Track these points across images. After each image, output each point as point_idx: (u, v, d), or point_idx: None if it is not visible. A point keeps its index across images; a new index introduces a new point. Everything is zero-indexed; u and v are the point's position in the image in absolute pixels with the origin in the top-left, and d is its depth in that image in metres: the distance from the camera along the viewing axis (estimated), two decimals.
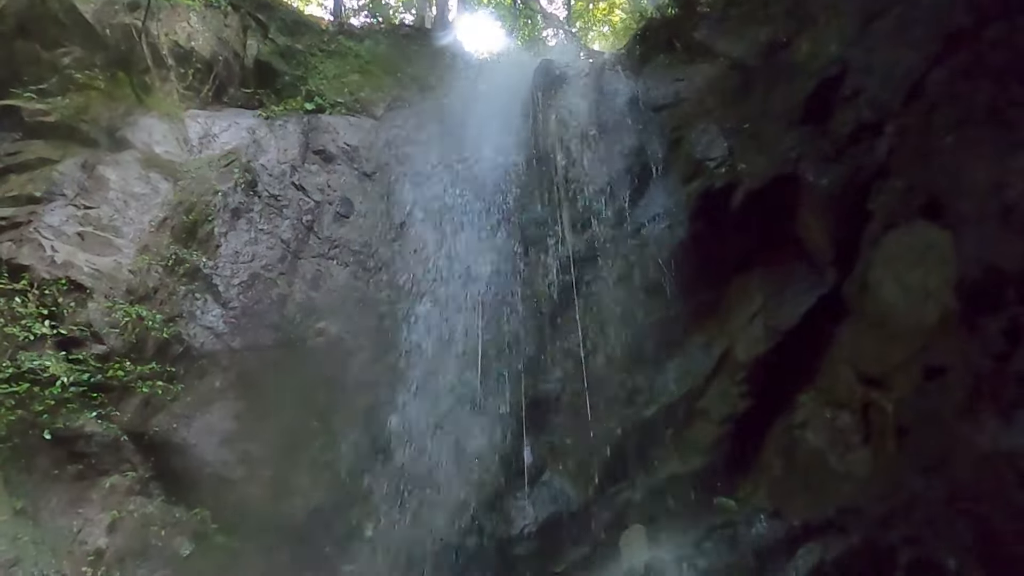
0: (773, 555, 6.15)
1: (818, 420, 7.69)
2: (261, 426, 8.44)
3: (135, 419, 8.25)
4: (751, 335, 8.31)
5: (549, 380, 8.83)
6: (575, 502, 8.29)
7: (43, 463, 7.86)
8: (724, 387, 8.29)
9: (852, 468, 7.21)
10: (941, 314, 6.99)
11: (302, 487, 8.29)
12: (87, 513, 7.84)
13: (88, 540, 7.72)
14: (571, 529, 8.15)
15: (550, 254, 9.28)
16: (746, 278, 8.68)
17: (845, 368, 7.76)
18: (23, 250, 8.55)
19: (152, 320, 8.51)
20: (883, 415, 7.28)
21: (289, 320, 9.05)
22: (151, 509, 8.01)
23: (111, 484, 7.96)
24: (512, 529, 8.20)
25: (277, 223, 9.63)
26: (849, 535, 5.93)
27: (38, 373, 7.91)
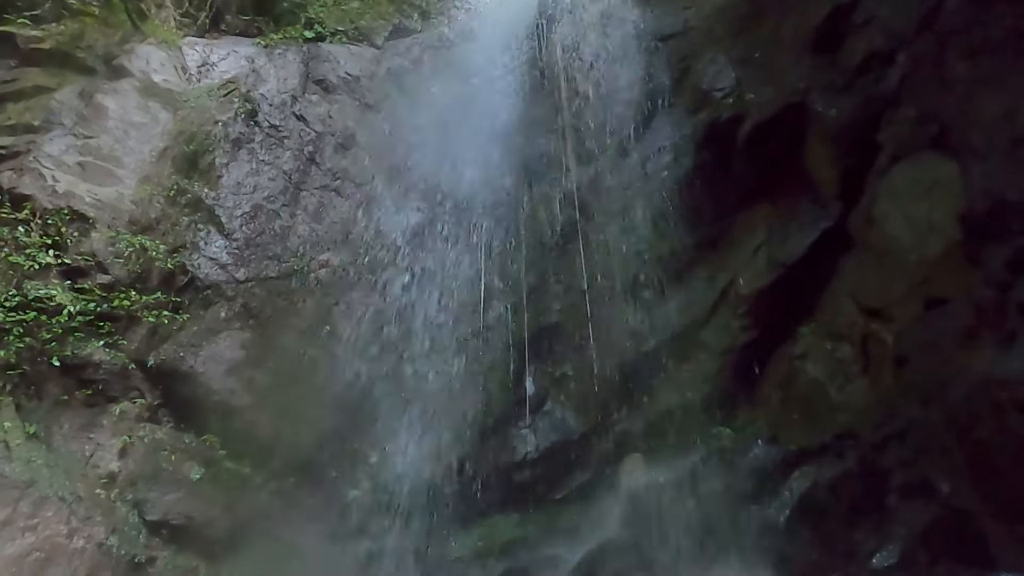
0: (769, 478, 6.30)
1: (818, 352, 7.78)
2: (267, 355, 8.55)
3: (142, 348, 8.36)
4: (754, 268, 8.32)
5: (551, 313, 8.88)
6: (576, 431, 8.44)
7: (53, 390, 7.99)
8: (725, 320, 8.34)
9: (850, 398, 7.32)
10: (944, 246, 7.01)
11: (308, 415, 8.45)
12: (98, 438, 8.01)
13: (100, 464, 7.92)
14: (572, 457, 8.32)
15: (553, 186, 9.22)
16: (751, 212, 8.65)
17: (846, 300, 7.81)
18: (24, 180, 8.52)
19: (156, 250, 8.53)
20: (882, 346, 7.36)
21: (292, 252, 9.06)
22: (160, 435, 8.18)
23: (120, 411, 8.10)
24: (513, 457, 8.37)
25: (278, 154, 9.54)
26: (844, 459, 6.08)
27: (44, 302, 7.97)
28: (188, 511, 7.95)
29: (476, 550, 7.92)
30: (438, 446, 8.26)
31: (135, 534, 7.66)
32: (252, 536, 8.07)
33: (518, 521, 8.07)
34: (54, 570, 7.12)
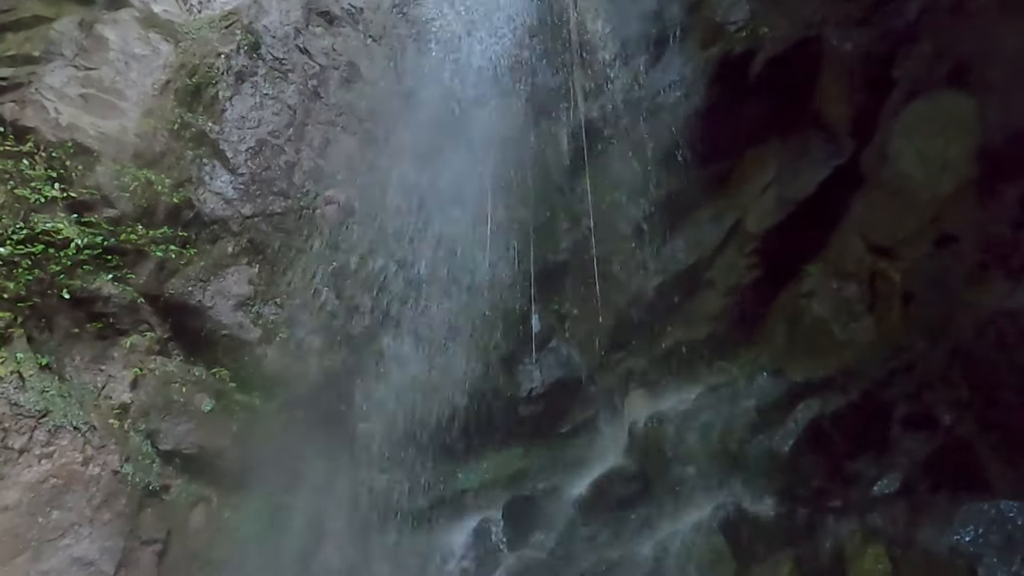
0: (773, 409, 6.39)
1: (824, 290, 7.80)
2: (274, 290, 8.58)
3: (150, 282, 8.37)
4: (763, 206, 8.28)
5: (558, 250, 8.88)
6: (581, 368, 8.54)
7: (63, 323, 8.03)
8: (732, 258, 8.34)
9: (855, 336, 7.37)
10: (957, 183, 6.96)
11: (316, 349, 8.53)
12: (110, 370, 8.09)
13: (113, 395, 8.02)
14: (576, 393, 8.43)
15: (562, 122, 9.09)
16: (761, 149, 8.55)
17: (855, 239, 7.79)
18: (26, 111, 8.39)
19: (161, 184, 8.47)
20: (890, 284, 7.37)
21: (298, 187, 9.01)
22: (171, 368, 8.26)
23: (131, 343, 8.16)
24: (519, 392, 8.49)
25: (282, 88, 9.39)
26: (849, 392, 6.14)
27: (52, 235, 7.95)
28: (200, 441, 8.09)
29: (482, 482, 8.09)
30: (444, 381, 8.34)
31: (149, 463, 7.81)
32: (264, 467, 8.23)
33: (523, 454, 8.23)
34: (71, 496, 7.28)
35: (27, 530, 7.04)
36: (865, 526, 5.54)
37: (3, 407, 7.28)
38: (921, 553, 5.23)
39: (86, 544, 7.18)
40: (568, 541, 6.70)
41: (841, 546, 5.50)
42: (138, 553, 7.41)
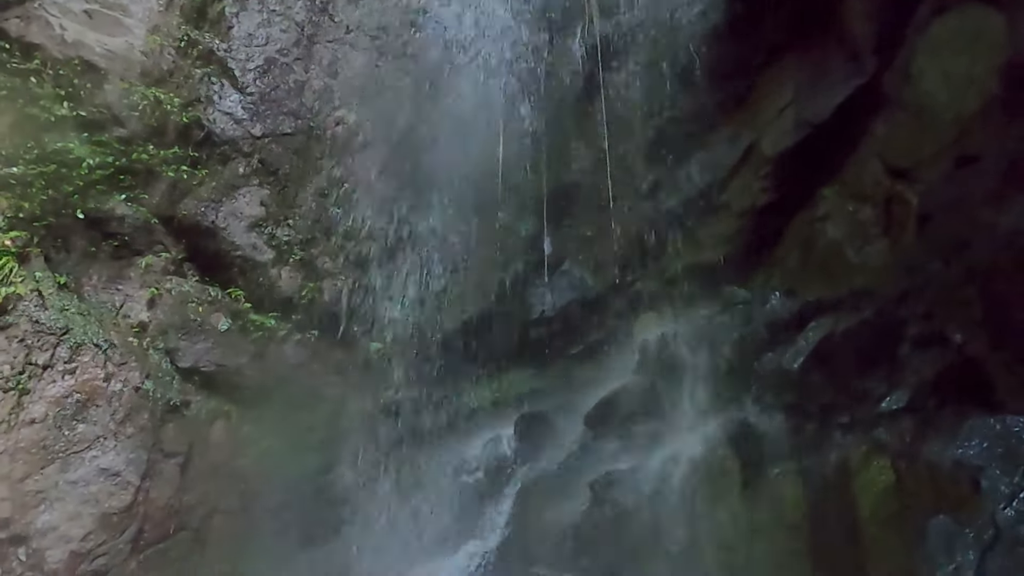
0: (785, 328, 6.43)
1: (839, 213, 7.72)
2: (286, 212, 8.59)
3: (163, 203, 8.39)
4: (779, 128, 8.11)
5: (571, 171, 8.79)
6: (592, 290, 8.56)
7: (80, 243, 8.11)
8: (747, 180, 8.23)
9: (869, 259, 7.34)
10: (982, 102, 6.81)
11: (329, 271, 8.59)
12: (127, 290, 8.21)
13: (131, 314, 8.15)
14: (587, 315, 8.48)
15: (577, 40, 8.85)
16: (779, 69, 8.32)
17: (873, 161, 7.67)
18: (31, 28, 8.25)
19: (170, 103, 8.39)
20: (906, 207, 7.30)
21: (308, 107, 8.89)
22: (187, 288, 8.36)
23: (147, 264, 8.25)
24: (530, 314, 8.55)
25: (290, 4, 9.15)
26: (861, 311, 6.17)
27: (63, 155, 7.94)
28: (218, 359, 8.25)
29: (493, 400, 8.26)
30: (456, 303, 8.41)
31: (169, 379, 8.00)
32: (280, 385, 8.42)
33: (534, 374, 8.36)
34: (95, 411, 7.50)
35: (54, 442, 7.28)
36: (871, 440, 5.65)
37: (25, 324, 7.43)
38: (925, 466, 5.34)
39: (111, 456, 7.43)
40: (578, 455, 6.88)
41: (846, 459, 5.63)
42: (161, 465, 7.66)
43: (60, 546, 7.01)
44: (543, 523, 6.52)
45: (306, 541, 7.76)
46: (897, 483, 5.35)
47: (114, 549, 7.21)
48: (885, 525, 5.28)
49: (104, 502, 7.25)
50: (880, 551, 5.26)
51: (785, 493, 5.60)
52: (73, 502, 7.17)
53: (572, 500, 6.47)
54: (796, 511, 5.54)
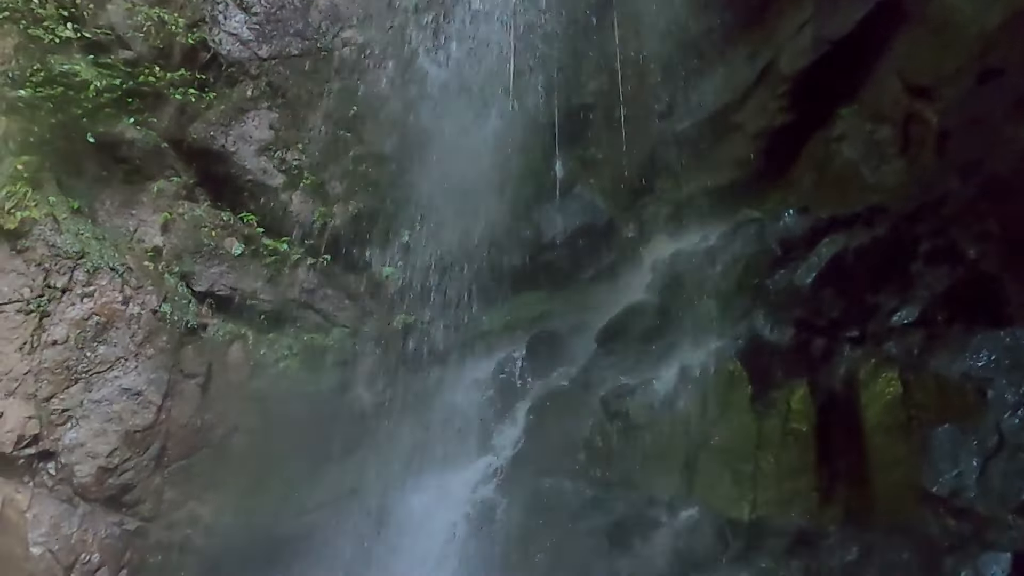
0: (797, 245, 6.43)
1: (856, 133, 7.63)
2: (296, 135, 8.53)
3: (172, 127, 8.34)
4: (798, 46, 7.92)
5: (583, 93, 8.65)
6: (604, 214, 8.54)
7: (91, 167, 8.12)
8: (763, 100, 8.09)
9: (884, 179, 7.29)
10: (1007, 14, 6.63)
11: (340, 194, 8.59)
12: (140, 214, 8.26)
13: (145, 239, 8.23)
14: (600, 239, 8.48)
15: None
16: None
17: (893, 79, 7.53)
18: None
19: (175, 24, 8.23)
20: (925, 126, 7.20)
21: (314, 28, 8.71)
22: (199, 212, 8.39)
23: (158, 188, 8.27)
24: (542, 238, 8.55)
25: None
26: (874, 228, 6.15)
27: (69, 78, 7.86)
28: (232, 284, 8.36)
29: (505, 323, 8.34)
30: (468, 226, 8.40)
31: (185, 303, 8.12)
32: (294, 309, 8.54)
33: (545, 298, 8.42)
34: (115, 333, 7.65)
35: (77, 363, 7.47)
36: (880, 354, 5.71)
37: (42, 248, 7.54)
38: (933, 377, 5.42)
39: (133, 376, 7.62)
40: (589, 371, 6.99)
41: (855, 372, 5.70)
42: (182, 385, 7.86)
43: (88, 461, 7.27)
44: (555, 437, 6.68)
45: (323, 458, 7.99)
46: (904, 394, 5.43)
47: (139, 465, 7.47)
48: (891, 435, 5.39)
49: (128, 420, 7.47)
50: (885, 460, 5.38)
51: (793, 405, 5.70)
52: (98, 420, 7.39)
53: (583, 414, 6.61)
54: (804, 423, 5.64)
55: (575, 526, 6.04)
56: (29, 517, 6.92)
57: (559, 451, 6.52)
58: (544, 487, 6.30)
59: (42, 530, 6.90)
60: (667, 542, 5.69)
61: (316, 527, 7.57)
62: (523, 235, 8.55)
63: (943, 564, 4.81)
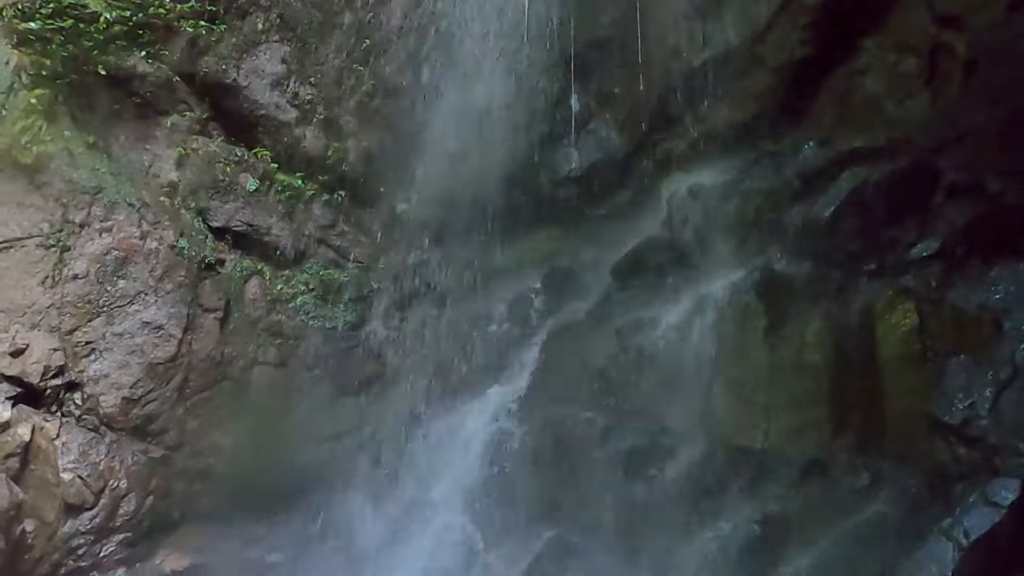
0: (817, 178, 6.36)
1: (880, 65, 7.41)
2: (309, 69, 8.44)
3: (184, 60, 8.24)
4: None
5: (599, 26, 8.44)
6: (620, 150, 8.42)
7: (104, 101, 8.06)
8: (784, 33, 7.84)
9: (908, 113, 7.11)
10: None
11: (353, 129, 8.54)
12: (154, 149, 8.24)
13: (160, 174, 8.23)
14: (615, 175, 8.40)
15: None
16: None
17: (920, 10, 7.28)
18: None
19: None
20: (952, 57, 6.99)
21: None
22: (213, 147, 8.37)
23: (172, 123, 8.23)
24: (557, 174, 8.48)
25: None
26: (896, 160, 6.06)
27: (79, 9, 7.73)
28: (248, 219, 8.39)
29: (519, 260, 8.35)
30: (482, 163, 8.35)
31: (202, 238, 8.17)
32: (310, 245, 8.59)
33: (560, 235, 8.40)
34: (134, 267, 7.73)
35: (98, 297, 7.57)
36: (897, 286, 5.71)
37: (59, 183, 7.56)
38: (949, 309, 5.43)
39: (153, 310, 7.72)
40: (604, 304, 7.03)
41: (871, 304, 5.71)
42: (201, 319, 7.96)
43: (112, 392, 7.43)
44: (570, 369, 6.78)
45: (340, 392, 8.17)
46: (920, 325, 5.45)
47: (162, 396, 7.64)
48: (905, 366, 5.43)
49: (150, 353, 7.61)
50: (898, 391, 5.44)
51: (808, 337, 5.74)
52: (121, 352, 7.53)
53: (598, 346, 6.68)
54: (818, 354, 5.69)
55: (589, 455, 6.18)
56: (58, 445, 7.11)
57: (574, 382, 6.63)
58: (559, 417, 6.42)
59: (71, 457, 7.10)
60: (679, 470, 5.81)
61: (335, 457, 7.78)
62: (538, 171, 8.48)
63: (952, 490, 4.91)
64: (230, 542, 7.04)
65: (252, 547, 7.01)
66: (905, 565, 4.79)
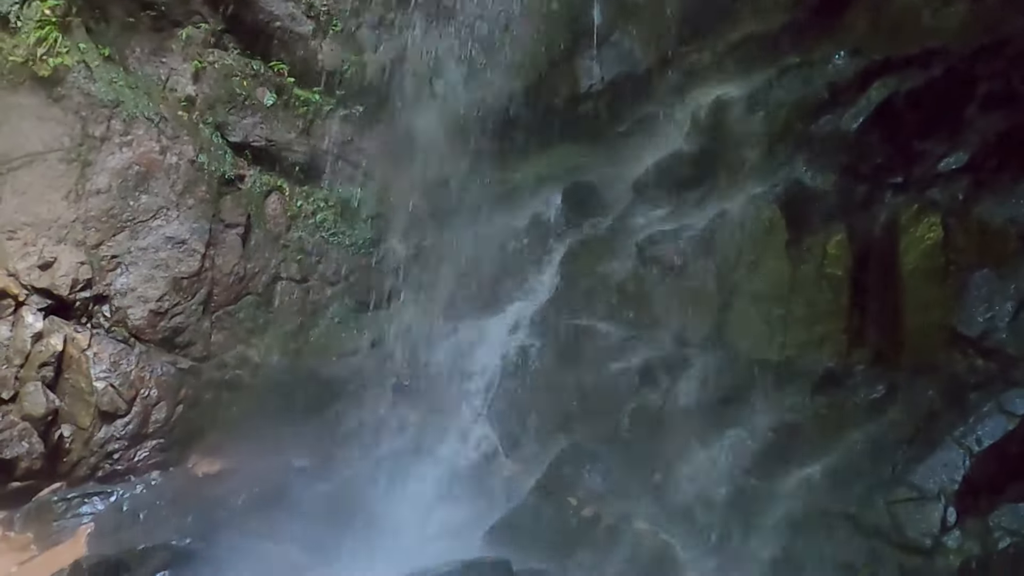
0: (846, 89, 6.17)
1: None
2: None
3: None
4: None
5: None
6: (643, 64, 8.17)
7: (118, 13, 7.95)
8: None
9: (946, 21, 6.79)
10: None
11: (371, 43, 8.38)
12: (170, 63, 8.17)
13: (177, 87, 8.18)
14: (638, 89, 8.19)
15: None
16: None
17: None
18: None
19: None
20: None
21: None
22: (229, 61, 8.27)
23: (187, 35, 8.11)
24: (578, 88, 8.29)
25: None
26: (930, 70, 5.86)
27: None
28: (267, 135, 8.36)
29: (539, 177, 8.26)
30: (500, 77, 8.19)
31: (221, 154, 8.17)
32: (328, 160, 8.56)
33: (581, 151, 8.24)
34: (155, 182, 7.78)
35: (121, 211, 7.66)
36: (923, 200, 5.62)
37: (78, 96, 7.56)
38: (976, 222, 5.35)
39: (176, 225, 7.81)
40: (625, 218, 7.00)
41: (896, 217, 5.63)
42: (223, 235, 8.05)
43: (139, 305, 7.60)
44: (589, 282, 6.80)
45: (361, 306, 8.30)
46: (945, 239, 5.39)
47: (188, 310, 7.80)
48: (927, 279, 5.40)
49: (174, 267, 7.73)
50: (919, 304, 5.43)
51: (830, 250, 5.70)
52: (146, 267, 7.67)
53: (618, 259, 6.69)
54: (839, 267, 5.66)
55: (607, 366, 6.28)
56: (90, 355, 7.34)
57: (593, 296, 6.66)
58: (577, 329, 6.50)
59: (103, 367, 7.33)
60: (695, 381, 5.91)
61: (357, 370, 7.96)
62: (558, 85, 8.29)
63: (966, 399, 4.96)
64: (258, 449, 7.29)
65: (280, 454, 7.26)
66: (916, 470, 4.90)
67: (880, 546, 4.84)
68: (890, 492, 4.93)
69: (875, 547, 4.85)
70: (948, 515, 4.72)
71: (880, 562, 4.80)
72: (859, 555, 4.88)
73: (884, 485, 4.98)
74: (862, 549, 4.88)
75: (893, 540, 4.81)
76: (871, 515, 4.93)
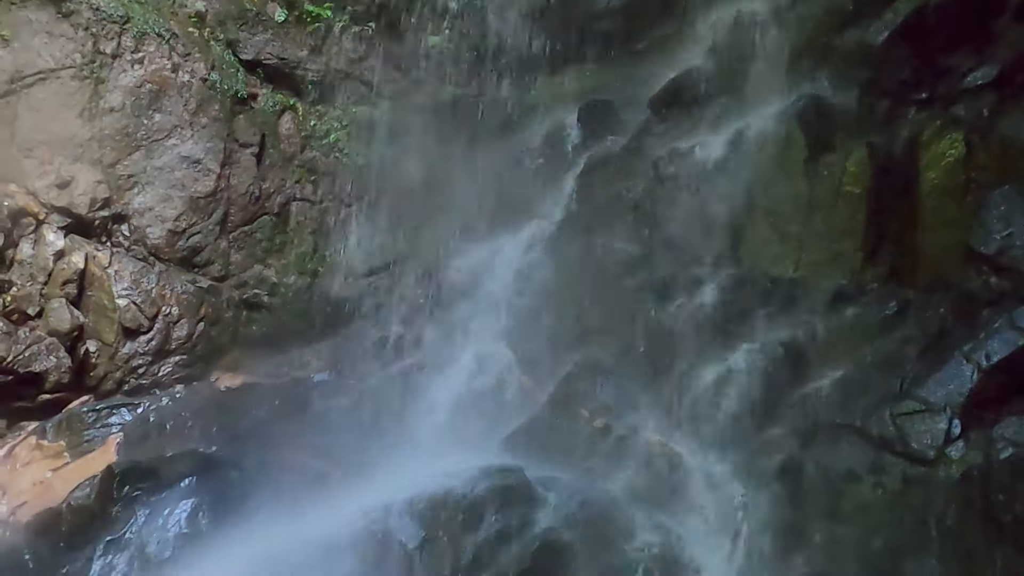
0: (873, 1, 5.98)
1: None
2: None
3: None
4: None
5: None
6: None
7: None
8: None
9: None
10: None
11: None
12: None
13: (187, 3, 8.05)
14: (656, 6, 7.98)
15: None
16: None
17: None
18: None
19: None
20: None
21: None
22: None
23: None
24: (595, 5, 8.09)
25: None
26: None
27: None
28: (278, 52, 8.26)
29: (556, 96, 8.16)
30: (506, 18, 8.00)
31: (233, 71, 8.08)
32: (340, 79, 8.45)
33: (598, 70, 8.13)
34: (168, 101, 7.73)
35: (135, 130, 7.66)
36: (947, 116, 5.52)
37: (87, 12, 7.48)
38: (998, 139, 5.28)
39: (190, 144, 7.81)
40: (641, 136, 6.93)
41: (918, 134, 5.56)
42: (238, 154, 8.04)
43: (157, 224, 7.68)
44: (605, 200, 6.80)
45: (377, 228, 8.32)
46: (967, 156, 5.33)
47: (205, 229, 7.87)
48: (946, 197, 5.37)
49: (190, 187, 7.76)
50: (936, 222, 5.42)
51: (849, 167, 5.65)
52: (162, 186, 7.71)
53: (634, 178, 6.66)
54: (858, 184, 5.62)
55: (621, 283, 6.33)
56: (111, 273, 7.46)
57: (608, 213, 6.67)
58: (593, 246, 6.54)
59: (124, 284, 7.46)
60: (709, 297, 5.97)
61: (372, 289, 8.07)
62: (575, 2, 8.08)
63: (978, 315, 4.99)
64: (279, 364, 7.50)
65: (300, 368, 7.47)
66: (924, 384, 4.99)
67: (884, 456, 4.97)
68: (897, 405, 5.02)
69: (880, 457, 4.98)
70: (953, 427, 4.82)
71: (884, 471, 4.93)
72: (863, 464, 5.01)
73: (892, 398, 5.08)
74: (867, 459, 5.01)
75: (897, 450, 4.93)
76: (877, 426, 5.04)
